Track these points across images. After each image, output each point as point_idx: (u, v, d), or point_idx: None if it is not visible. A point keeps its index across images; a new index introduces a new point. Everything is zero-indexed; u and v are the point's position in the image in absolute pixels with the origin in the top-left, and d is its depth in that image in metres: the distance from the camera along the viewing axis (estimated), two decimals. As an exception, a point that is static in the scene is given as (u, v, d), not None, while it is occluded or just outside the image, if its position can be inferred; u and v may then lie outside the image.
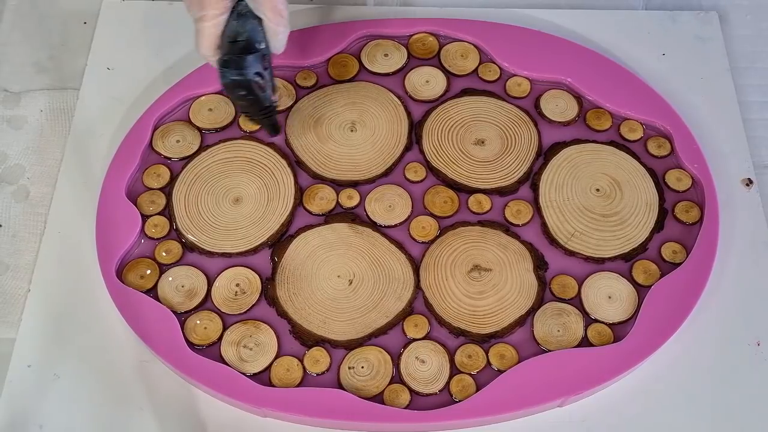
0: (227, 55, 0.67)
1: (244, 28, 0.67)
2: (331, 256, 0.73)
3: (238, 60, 0.67)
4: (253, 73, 0.67)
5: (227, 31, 0.68)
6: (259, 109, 0.71)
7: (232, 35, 0.68)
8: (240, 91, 0.68)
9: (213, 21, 0.67)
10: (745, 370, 0.70)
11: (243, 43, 0.67)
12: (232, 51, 0.67)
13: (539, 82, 0.82)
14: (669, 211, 0.76)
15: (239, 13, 0.68)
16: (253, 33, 0.68)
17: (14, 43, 0.88)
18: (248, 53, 0.67)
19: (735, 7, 0.90)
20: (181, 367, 0.68)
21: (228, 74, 0.67)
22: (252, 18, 0.68)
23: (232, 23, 0.67)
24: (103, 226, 0.73)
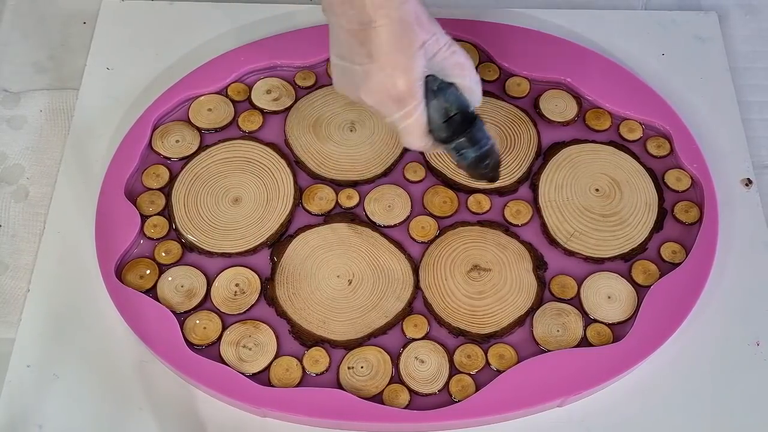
0: (455, 137, 0.65)
1: (448, 102, 0.65)
2: (331, 256, 0.73)
3: (471, 135, 0.65)
4: (486, 139, 0.66)
5: (433, 113, 0.65)
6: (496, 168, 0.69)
7: (441, 114, 0.65)
8: (483, 162, 0.67)
9: (417, 113, 0.64)
10: (744, 370, 0.70)
11: (458, 116, 0.65)
12: (454, 129, 0.65)
13: (539, 82, 0.82)
14: (668, 211, 0.76)
15: (434, 91, 0.65)
16: (459, 101, 0.66)
17: (14, 43, 0.88)
18: (470, 124, 0.66)
19: (735, 7, 0.90)
20: (180, 367, 0.68)
21: (470, 154, 0.66)
22: (447, 88, 0.65)
23: (433, 103, 0.65)
24: (102, 226, 0.73)
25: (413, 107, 0.64)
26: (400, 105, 0.64)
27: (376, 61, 0.62)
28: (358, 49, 0.63)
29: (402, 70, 0.63)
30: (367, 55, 0.63)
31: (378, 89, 0.64)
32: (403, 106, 0.64)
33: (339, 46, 0.65)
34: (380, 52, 0.62)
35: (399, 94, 0.63)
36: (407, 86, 0.63)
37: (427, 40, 0.63)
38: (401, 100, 0.64)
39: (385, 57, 0.62)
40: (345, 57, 0.64)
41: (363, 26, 0.62)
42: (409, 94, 0.63)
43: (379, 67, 0.63)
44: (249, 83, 0.82)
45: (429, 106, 0.65)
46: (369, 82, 0.63)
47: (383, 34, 0.62)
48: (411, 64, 0.63)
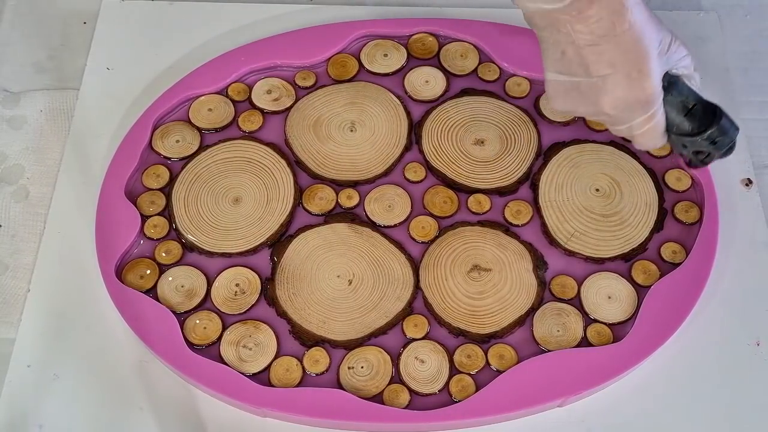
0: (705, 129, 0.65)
1: (683, 95, 0.66)
2: (331, 256, 0.73)
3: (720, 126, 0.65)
4: (731, 122, 0.66)
5: (669, 109, 0.66)
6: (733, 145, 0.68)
7: (681, 109, 0.66)
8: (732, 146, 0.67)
9: (660, 113, 0.65)
10: (744, 370, 0.70)
11: (698, 107, 0.66)
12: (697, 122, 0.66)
13: (539, 82, 0.82)
14: (669, 211, 0.76)
15: (665, 88, 0.65)
16: (694, 92, 0.66)
17: (14, 43, 0.88)
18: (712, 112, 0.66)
19: (735, 7, 0.90)
20: (180, 367, 0.68)
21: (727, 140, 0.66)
22: (676, 80, 0.66)
23: (668, 99, 0.65)
24: (102, 226, 0.73)
25: (657, 107, 0.65)
26: (646, 108, 0.64)
27: (621, 70, 0.63)
28: (596, 61, 0.63)
29: (648, 73, 0.63)
30: (609, 65, 0.63)
31: (625, 96, 0.64)
32: (649, 109, 0.64)
33: (563, 62, 0.65)
34: (626, 58, 0.62)
35: (647, 97, 0.64)
36: (654, 88, 0.64)
37: (661, 40, 0.64)
38: (649, 102, 0.64)
39: (631, 63, 0.62)
40: (574, 73, 0.64)
41: (600, 38, 0.62)
42: (655, 96, 0.64)
43: (625, 74, 0.63)
44: (249, 83, 0.82)
45: (666, 103, 0.65)
46: (615, 91, 0.63)
47: (627, 41, 0.62)
48: (654, 67, 0.63)
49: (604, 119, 0.67)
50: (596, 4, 0.61)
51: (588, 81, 0.64)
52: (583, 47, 0.63)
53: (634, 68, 0.63)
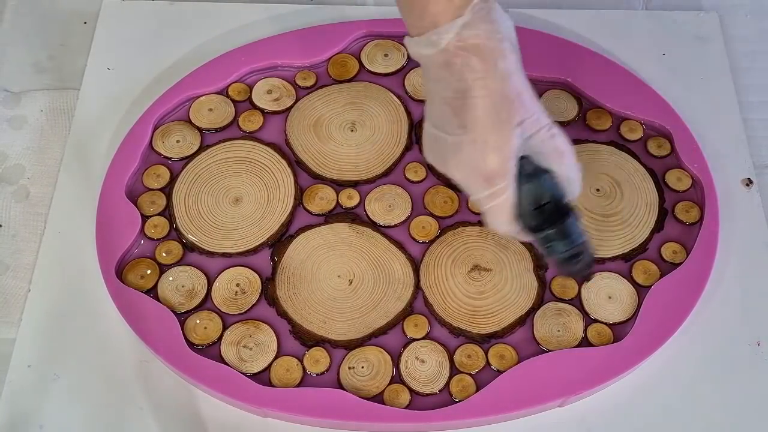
0: (545, 227, 0.60)
1: (542, 189, 0.60)
2: (331, 256, 0.73)
3: (562, 229, 0.60)
4: (579, 237, 0.61)
5: (523, 198, 0.60)
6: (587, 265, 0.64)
7: (533, 201, 0.60)
8: (575, 260, 0.62)
9: (506, 194, 0.59)
10: (745, 370, 0.70)
11: (550, 205, 0.60)
12: (544, 218, 0.60)
13: (539, 81, 0.82)
14: (669, 211, 0.76)
15: (527, 175, 0.60)
16: (554, 189, 0.61)
17: (14, 43, 0.88)
18: (561, 215, 0.61)
19: (735, 7, 0.90)
20: (181, 367, 0.68)
21: (559, 248, 0.61)
22: (542, 173, 0.60)
23: (525, 187, 0.60)
24: (103, 226, 0.73)
25: (502, 188, 0.59)
26: (489, 183, 0.59)
27: (469, 134, 0.58)
28: (452, 119, 0.59)
29: (495, 146, 0.58)
30: (460, 126, 0.59)
31: (468, 164, 0.59)
32: (492, 185, 0.59)
33: (434, 113, 0.61)
34: (474, 124, 0.58)
35: (489, 171, 0.59)
36: (498, 164, 0.59)
37: (526, 119, 0.59)
38: (490, 178, 0.59)
39: (478, 130, 0.58)
40: (438, 126, 0.61)
41: (459, 95, 0.58)
42: (500, 173, 0.59)
43: (471, 140, 0.59)
44: (249, 83, 0.82)
45: (520, 190, 0.60)
46: (459, 155, 0.59)
47: (480, 106, 0.58)
48: (505, 141, 0.58)
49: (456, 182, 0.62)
50: (461, 57, 0.57)
51: (444, 137, 0.60)
52: (446, 102, 0.59)
53: (482, 137, 0.58)
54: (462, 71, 0.58)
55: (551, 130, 0.60)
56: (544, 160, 0.61)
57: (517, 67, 0.60)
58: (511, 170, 0.59)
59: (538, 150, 0.60)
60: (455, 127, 0.59)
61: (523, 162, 0.60)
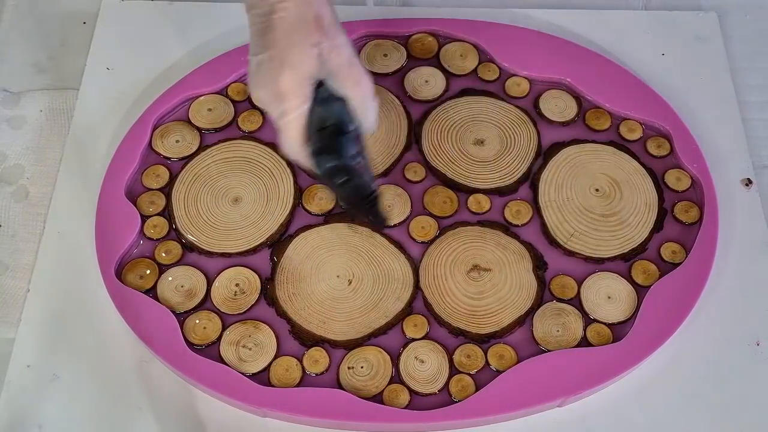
0: (318, 142, 0.62)
1: (330, 113, 0.62)
2: (331, 256, 0.73)
3: (332, 144, 0.62)
4: (350, 155, 0.63)
5: (312, 120, 0.62)
6: (362, 197, 0.65)
7: (318, 122, 0.62)
8: (340, 177, 0.63)
9: (296, 113, 0.62)
10: (744, 370, 0.70)
11: (333, 127, 0.62)
12: (322, 138, 0.62)
13: (538, 82, 0.82)
14: (668, 211, 0.76)
15: (322, 99, 0.62)
16: (341, 115, 0.63)
17: (14, 43, 0.88)
18: (340, 135, 0.62)
19: (735, 7, 0.90)
20: (180, 367, 0.68)
21: (324, 162, 0.62)
22: (336, 100, 0.63)
23: (316, 110, 0.62)
24: (102, 226, 0.73)
25: (292, 106, 0.61)
26: (281, 101, 0.62)
27: (268, 52, 0.61)
28: (258, 41, 0.62)
29: (290, 64, 0.61)
30: (263, 45, 0.62)
31: (264, 81, 0.62)
32: (283, 103, 0.62)
33: (250, 42, 0.64)
34: (273, 43, 0.61)
35: (282, 89, 0.61)
36: (290, 82, 0.61)
37: (323, 43, 0.61)
38: (282, 95, 0.61)
39: (276, 49, 0.61)
40: (250, 51, 0.64)
41: (264, 18, 0.62)
42: (291, 91, 0.61)
43: (269, 58, 0.61)
44: (249, 83, 0.82)
45: (312, 113, 0.62)
46: (258, 72, 0.62)
47: (278, 26, 0.61)
48: (300, 61, 0.61)
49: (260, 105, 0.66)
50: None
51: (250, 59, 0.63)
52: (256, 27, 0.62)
53: (278, 56, 0.61)
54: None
55: (351, 59, 0.63)
56: (341, 88, 0.63)
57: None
58: (304, 90, 0.61)
59: (335, 77, 0.62)
60: (259, 48, 0.62)
61: (321, 88, 0.62)
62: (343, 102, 0.63)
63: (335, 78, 0.63)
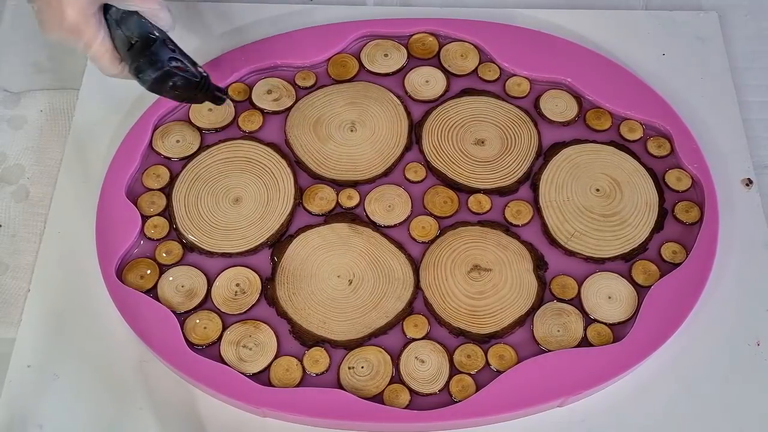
0: (134, 61, 0.67)
1: (130, 30, 0.67)
2: (331, 256, 0.73)
3: (147, 57, 0.66)
4: (167, 59, 0.67)
5: (117, 43, 0.67)
6: (194, 87, 0.70)
7: (125, 43, 0.67)
8: (167, 83, 0.68)
9: (97, 40, 0.65)
10: (745, 370, 0.70)
11: (139, 42, 0.67)
12: (135, 55, 0.67)
13: (539, 82, 0.82)
14: (669, 211, 0.76)
15: (117, 21, 0.67)
16: (141, 28, 0.67)
17: (14, 43, 0.88)
18: (150, 46, 0.67)
19: (735, 7, 0.90)
20: (180, 367, 0.68)
21: (147, 76, 0.67)
22: (129, 16, 0.67)
23: (117, 33, 0.67)
24: (103, 226, 0.73)
25: (90, 36, 0.64)
26: (77, 36, 0.64)
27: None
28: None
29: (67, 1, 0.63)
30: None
31: (51, 24, 0.64)
32: (80, 37, 0.64)
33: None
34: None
35: (70, 25, 0.63)
36: (76, 16, 0.63)
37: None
38: (75, 30, 0.64)
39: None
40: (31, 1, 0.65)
41: None
42: (81, 24, 0.64)
43: (46, 2, 0.63)
44: (249, 83, 0.82)
45: (115, 37, 0.66)
46: (43, 18, 0.64)
47: None
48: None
49: None
50: None
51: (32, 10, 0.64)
52: None
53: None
54: None
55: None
56: (126, 4, 0.66)
57: None
58: (93, 19, 0.64)
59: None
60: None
61: (111, 11, 0.66)
62: (136, 14, 0.67)
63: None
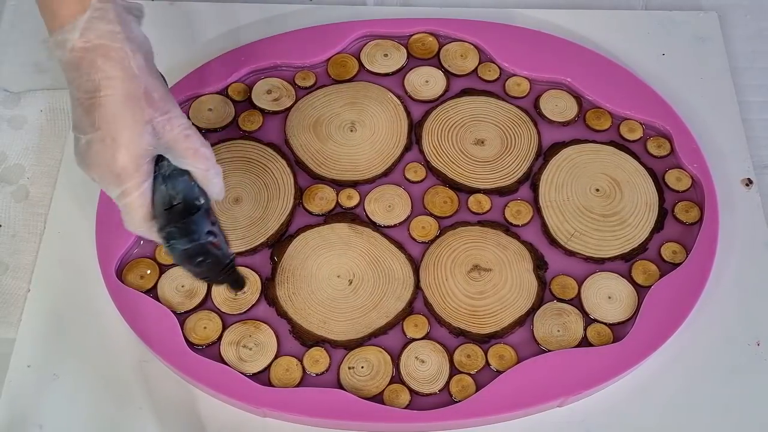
0: (170, 226, 0.60)
1: (175, 190, 0.60)
2: (331, 256, 0.73)
3: (184, 226, 0.60)
4: (204, 233, 0.60)
5: (157, 199, 0.60)
6: (220, 269, 0.63)
7: (165, 202, 0.60)
8: (197, 258, 0.61)
9: (137, 192, 0.60)
10: (745, 370, 0.70)
11: (180, 205, 0.60)
12: (172, 218, 0.60)
13: (539, 82, 0.82)
14: (669, 211, 0.76)
15: (164, 176, 0.61)
16: (188, 190, 0.61)
17: (14, 43, 0.88)
18: (191, 214, 0.60)
19: (735, 7, 0.90)
20: (180, 367, 0.68)
21: (179, 245, 0.60)
22: (180, 175, 0.61)
23: (161, 189, 0.60)
24: (103, 226, 0.73)
25: (132, 186, 0.60)
26: (119, 181, 0.60)
27: (98, 132, 0.59)
28: (84, 119, 0.59)
29: (124, 144, 0.59)
30: (91, 125, 0.59)
31: (98, 161, 0.59)
32: (122, 184, 0.60)
33: (74, 116, 0.61)
34: (103, 122, 0.59)
35: (119, 169, 0.59)
36: (127, 162, 0.59)
37: (156, 118, 0.59)
38: (120, 176, 0.59)
39: (107, 128, 0.59)
40: (76, 127, 0.61)
41: (89, 95, 0.59)
42: (129, 171, 0.59)
43: (100, 138, 0.59)
44: (249, 83, 0.82)
45: (156, 191, 0.61)
46: (90, 153, 0.59)
47: (108, 104, 0.58)
48: (134, 139, 0.59)
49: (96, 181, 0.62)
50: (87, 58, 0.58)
51: (79, 138, 0.60)
52: (80, 102, 0.59)
53: (110, 135, 0.58)
54: (89, 71, 0.58)
55: (186, 131, 0.61)
56: (181, 161, 0.61)
57: (145, 66, 0.60)
58: (143, 168, 0.60)
59: (172, 150, 0.61)
60: (87, 126, 0.59)
61: (163, 163, 0.61)
62: (187, 175, 0.61)
63: (173, 151, 0.61)
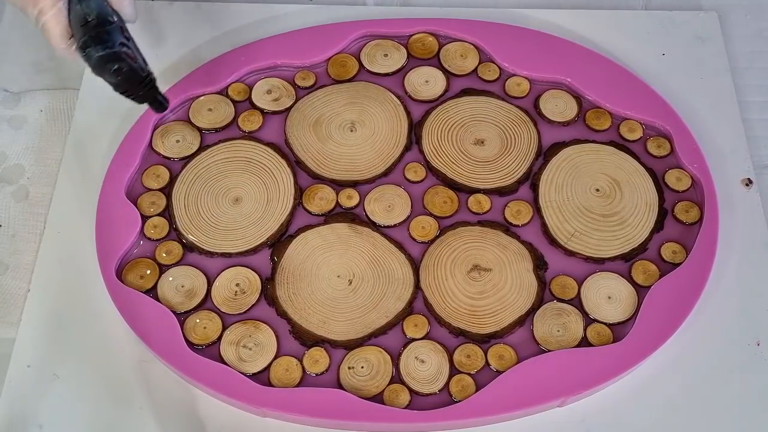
0: (85, 36, 0.65)
1: (90, 8, 0.65)
2: (331, 256, 0.73)
3: (98, 35, 0.64)
4: (118, 43, 0.65)
5: (73, 18, 0.65)
6: (138, 81, 0.67)
7: (80, 19, 0.65)
8: (112, 65, 0.65)
9: (52, 11, 0.65)
10: (745, 370, 0.70)
11: (94, 21, 0.65)
12: (87, 31, 0.65)
13: (539, 82, 0.82)
14: (669, 211, 0.76)
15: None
16: (101, 8, 0.65)
17: (14, 43, 0.88)
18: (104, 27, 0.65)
19: (735, 7, 0.90)
20: (180, 367, 0.68)
21: (93, 52, 0.65)
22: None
23: (76, 9, 0.65)
24: (102, 226, 0.73)
25: (47, 5, 0.64)
26: (35, 2, 0.64)
27: None
28: None
29: None
30: None
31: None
32: (37, 4, 0.64)
33: None
34: None
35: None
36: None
37: None
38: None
39: None
40: None
41: None
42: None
43: None
44: (249, 83, 0.82)
45: (72, 11, 0.65)
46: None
47: None
48: None
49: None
50: None
51: None
52: None
53: None
54: None
55: None
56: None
57: None
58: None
59: None
60: None
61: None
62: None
63: None
